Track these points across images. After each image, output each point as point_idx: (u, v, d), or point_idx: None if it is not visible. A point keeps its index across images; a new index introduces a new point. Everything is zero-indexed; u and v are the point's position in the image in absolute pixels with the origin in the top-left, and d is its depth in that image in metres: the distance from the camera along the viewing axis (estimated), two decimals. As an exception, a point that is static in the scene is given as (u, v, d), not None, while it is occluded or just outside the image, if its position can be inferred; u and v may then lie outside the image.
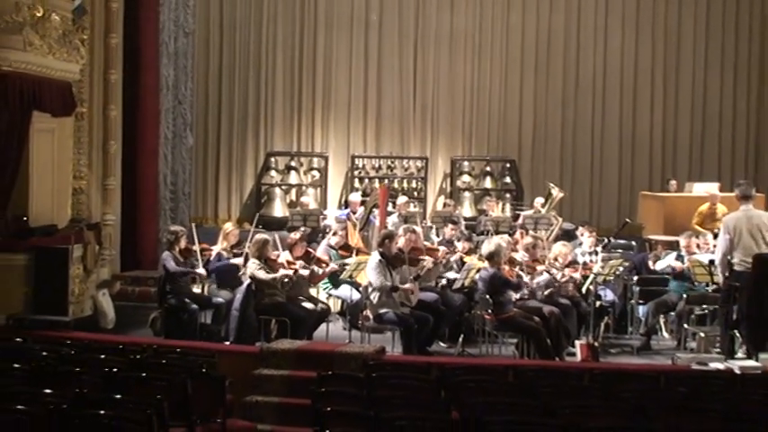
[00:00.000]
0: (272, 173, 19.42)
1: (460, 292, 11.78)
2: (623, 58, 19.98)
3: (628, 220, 16.23)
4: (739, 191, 10.98)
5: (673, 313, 12.20)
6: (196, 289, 11.90)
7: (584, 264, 12.31)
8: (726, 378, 9.06)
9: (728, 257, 10.56)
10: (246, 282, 11.12)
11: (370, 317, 11.06)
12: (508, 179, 19.68)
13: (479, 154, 19.95)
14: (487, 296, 11.03)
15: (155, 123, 15.33)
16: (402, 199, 16.40)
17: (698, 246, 12.61)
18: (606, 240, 14.07)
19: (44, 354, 8.43)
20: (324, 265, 11.96)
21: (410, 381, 8.28)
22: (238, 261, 11.72)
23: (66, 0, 11.90)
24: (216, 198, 19.76)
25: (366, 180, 19.29)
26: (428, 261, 11.62)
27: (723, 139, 20.13)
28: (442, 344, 11.62)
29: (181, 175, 17.08)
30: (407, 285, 11.08)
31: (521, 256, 12.15)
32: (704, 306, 11.88)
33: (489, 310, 11.06)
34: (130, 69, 14.40)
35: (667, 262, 12.73)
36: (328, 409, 6.88)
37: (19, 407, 6.37)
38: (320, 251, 12.56)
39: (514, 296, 11.21)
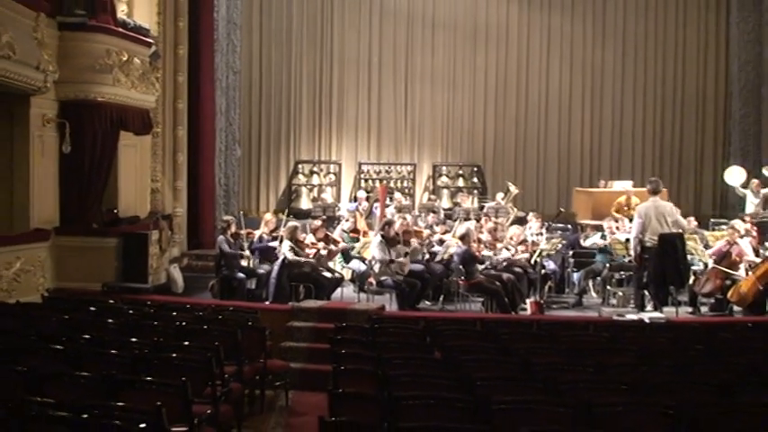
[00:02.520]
0: (300, 176, 19.40)
1: (441, 263, 11.80)
2: (561, 88, 19.96)
3: (562, 209, 16.18)
4: (650, 186, 11.00)
5: (599, 278, 12.22)
6: (244, 263, 11.91)
7: (533, 242, 12.31)
8: (638, 326, 9.07)
9: (640, 236, 10.57)
10: (281, 257, 11.13)
11: (374, 283, 11.07)
12: (476, 179, 19.64)
13: (454, 161, 19.91)
14: (461, 266, 11.04)
15: (212, 139, 15.31)
16: (397, 195, 16.44)
17: (617, 228, 12.61)
18: (548, 224, 14.07)
19: (130, 312, 8.45)
20: (338, 244, 12.01)
21: (403, 330, 8.29)
22: (275, 244, 11.74)
23: (144, 47, 11.87)
24: (258, 195, 19.73)
25: (370, 181, 19.25)
26: (415, 242, 11.66)
27: (635, 148, 20.10)
28: (427, 302, 11.62)
29: (231, 178, 17.06)
30: (401, 259, 11.09)
31: (485, 236, 12.15)
32: (622, 272, 11.90)
33: (462, 277, 11.07)
34: (193, 99, 14.38)
35: (593, 240, 12.74)
36: (343, 351, 6.90)
37: (112, 351, 6.40)
38: (336, 234, 12.57)
39: (480, 267, 11.23)
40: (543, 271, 11.95)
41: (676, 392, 5.59)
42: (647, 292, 10.73)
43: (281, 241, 11.47)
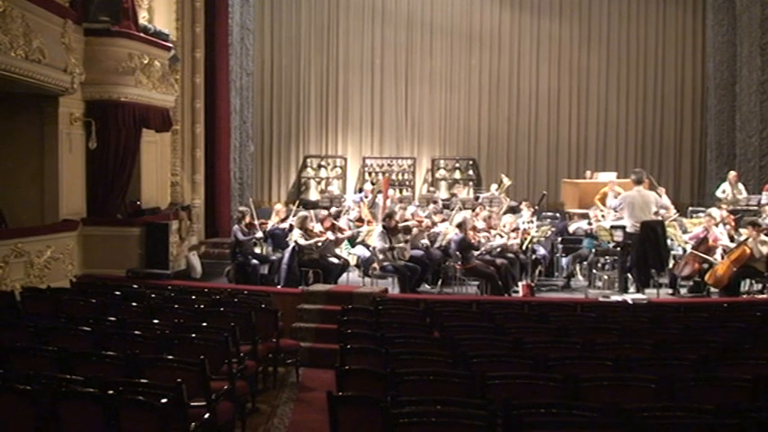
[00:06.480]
0: (309, 169, 19.41)
1: (439, 249, 11.77)
2: (549, 87, 19.90)
3: (544, 192, 16.05)
4: (635, 176, 11.02)
5: (585, 262, 12.20)
6: (257, 250, 11.89)
7: (524, 229, 12.28)
8: (622, 307, 9.05)
9: (616, 209, 10.90)
10: (292, 244, 11.12)
11: (377, 268, 11.05)
12: (471, 172, 19.62)
13: (451, 155, 19.88)
14: (458, 252, 11.02)
15: (227, 136, 15.29)
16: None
17: (602, 216, 12.57)
18: (536, 207, 14.02)
19: (152, 296, 8.44)
20: (344, 232, 11.98)
21: (405, 311, 8.28)
22: (285, 225, 11.72)
23: (164, 51, 11.84)
24: (270, 187, 19.75)
25: (373, 174, 19.23)
26: (415, 229, 11.63)
27: (618, 142, 20.05)
28: (426, 286, 11.60)
29: (245, 172, 17.03)
30: (401, 244, 11.07)
31: (480, 224, 12.13)
32: (607, 257, 11.88)
33: (459, 262, 11.06)
34: (210, 99, 14.36)
35: (578, 226, 12.71)
36: (349, 331, 6.89)
37: (136, 332, 6.40)
38: (342, 223, 12.55)
39: (476, 252, 11.20)
40: (534, 256, 11.94)
41: (657, 368, 5.59)
42: (630, 276, 10.72)
43: (290, 230, 11.45)
